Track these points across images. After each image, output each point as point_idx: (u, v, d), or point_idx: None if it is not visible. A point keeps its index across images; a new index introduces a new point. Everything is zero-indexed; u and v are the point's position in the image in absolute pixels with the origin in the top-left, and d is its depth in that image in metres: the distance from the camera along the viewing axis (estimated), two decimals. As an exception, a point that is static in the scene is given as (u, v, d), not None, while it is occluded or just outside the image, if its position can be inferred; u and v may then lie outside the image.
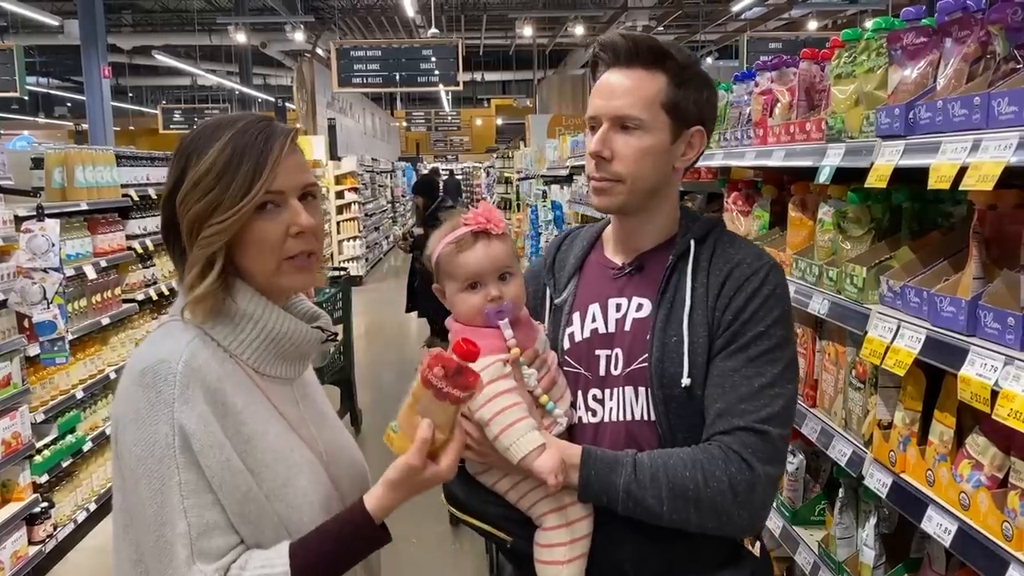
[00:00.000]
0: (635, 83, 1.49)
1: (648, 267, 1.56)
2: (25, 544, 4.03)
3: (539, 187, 8.77)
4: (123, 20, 20.56)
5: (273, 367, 1.39)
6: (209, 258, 1.29)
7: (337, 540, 1.30)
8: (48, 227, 4.01)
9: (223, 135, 1.30)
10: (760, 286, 1.48)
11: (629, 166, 1.49)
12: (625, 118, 1.48)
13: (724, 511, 1.39)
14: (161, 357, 1.27)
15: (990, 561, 1.48)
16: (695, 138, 1.54)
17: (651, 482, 1.40)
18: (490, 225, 1.47)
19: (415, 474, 1.31)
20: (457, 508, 1.57)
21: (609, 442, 1.50)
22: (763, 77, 2.70)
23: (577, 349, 1.57)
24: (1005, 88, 1.48)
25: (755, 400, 1.42)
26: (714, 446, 1.41)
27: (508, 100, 34.91)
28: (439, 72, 13.30)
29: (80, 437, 4.63)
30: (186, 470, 1.24)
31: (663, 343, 1.48)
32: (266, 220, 1.31)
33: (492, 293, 1.45)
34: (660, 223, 1.58)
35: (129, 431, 1.27)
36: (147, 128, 28.11)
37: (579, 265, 1.64)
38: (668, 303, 1.51)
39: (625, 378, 1.51)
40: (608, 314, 1.56)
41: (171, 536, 1.23)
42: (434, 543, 4.63)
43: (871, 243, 2.10)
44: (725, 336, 1.46)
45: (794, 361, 1.51)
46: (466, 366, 1.29)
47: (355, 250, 15.28)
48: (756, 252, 1.55)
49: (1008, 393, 1.40)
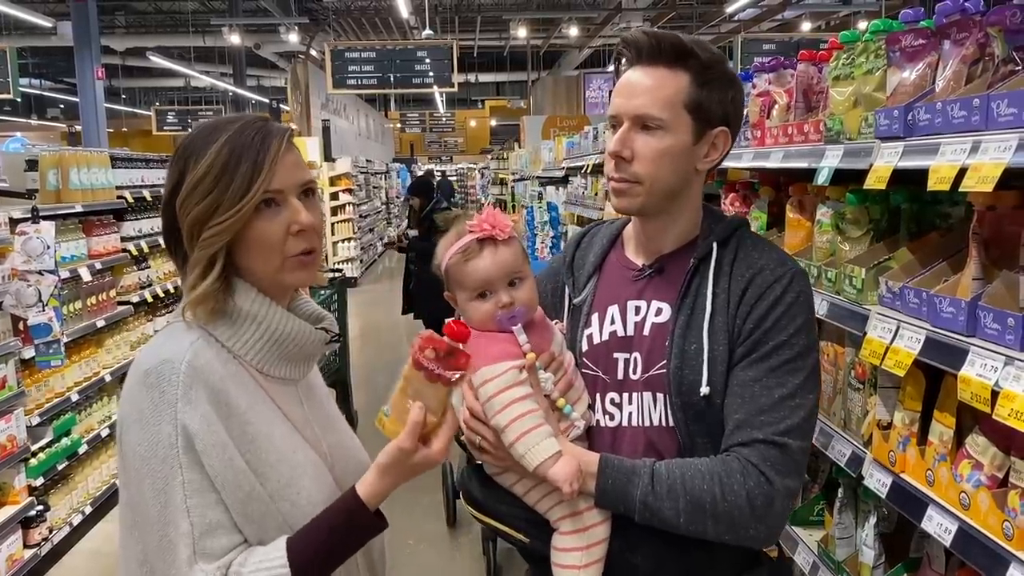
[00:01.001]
0: (657, 82, 1.45)
1: (669, 270, 1.53)
2: (20, 547, 4.01)
3: (534, 188, 8.78)
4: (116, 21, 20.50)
5: (277, 368, 1.39)
6: (210, 259, 1.30)
7: (331, 529, 1.30)
8: (43, 229, 3.99)
9: (220, 136, 1.31)
10: (783, 293, 1.45)
11: (648, 167, 1.46)
12: (645, 117, 1.45)
13: (741, 524, 1.37)
14: (164, 358, 1.28)
15: (991, 560, 1.49)
16: (719, 139, 1.50)
17: (668, 494, 1.38)
18: (495, 231, 1.44)
19: (406, 457, 1.30)
20: (475, 508, 1.56)
21: (628, 447, 1.49)
22: (760, 79, 2.70)
23: (595, 351, 1.54)
24: (1004, 90, 1.48)
25: (775, 412, 1.39)
26: (732, 458, 1.39)
27: (502, 101, 34.89)
28: (433, 73, 13.29)
29: (75, 440, 4.61)
30: (189, 470, 1.24)
31: (682, 350, 1.45)
32: (266, 219, 1.31)
33: (503, 300, 1.43)
34: (681, 225, 1.54)
35: (133, 431, 1.27)
36: (140, 130, 28.00)
37: (599, 264, 1.61)
38: (688, 309, 1.48)
39: (644, 383, 1.49)
40: (627, 317, 1.53)
41: (174, 535, 1.24)
42: (432, 543, 4.63)
43: (870, 244, 2.11)
44: (746, 345, 1.44)
45: (816, 369, 1.47)
46: (457, 347, 1.29)
47: (350, 251, 15.25)
48: (780, 257, 1.52)
49: (1008, 393, 1.41)
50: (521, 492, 1.48)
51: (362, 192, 17.53)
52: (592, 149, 5.80)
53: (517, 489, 1.49)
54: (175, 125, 21.85)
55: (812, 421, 1.46)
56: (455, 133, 35.33)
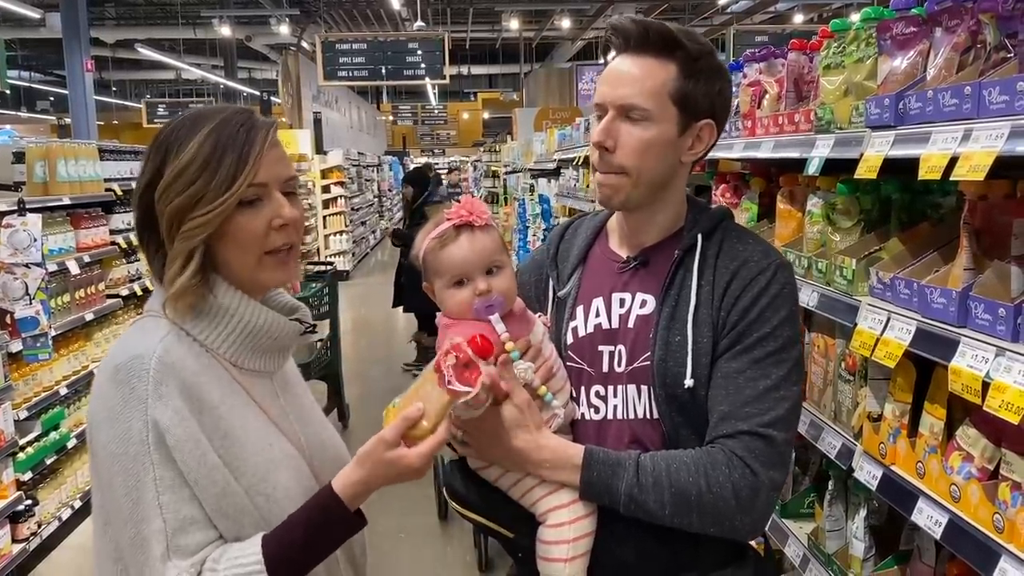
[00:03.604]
0: (643, 71, 1.44)
1: (653, 262, 1.52)
2: (9, 542, 3.99)
3: (527, 181, 8.74)
4: (106, 13, 20.33)
5: (251, 360, 1.37)
6: (190, 252, 1.28)
7: (307, 525, 1.28)
8: (30, 222, 3.97)
9: (204, 127, 1.29)
10: (767, 285, 1.44)
11: (632, 158, 1.44)
12: (630, 108, 1.43)
13: (726, 516, 1.37)
14: (134, 353, 1.26)
15: (981, 552, 1.48)
16: (704, 131, 1.49)
17: (654, 486, 1.38)
18: (472, 217, 1.42)
19: (383, 448, 1.28)
20: (459, 504, 1.54)
21: (613, 440, 1.48)
22: (751, 68, 2.69)
23: (580, 344, 1.53)
24: (996, 77, 1.47)
25: (760, 403, 1.39)
26: (717, 450, 1.39)
27: (495, 94, 34.81)
28: (425, 66, 13.25)
29: (64, 434, 4.59)
30: (161, 466, 1.22)
31: (666, 342, 1.45)
32: (249, 213, 1.29)
33: (480, 287, 1.40)
34: (666, 217, 1.53)
35: (103, 428, 1.25)
36: (131, 122, 27.82)
37: (583, 256, 1.60)
38: (672, 301, 1.47)
39: (628, 376, 1.48)
40: (612, 309, 1.52)
41: (147, 532, 1.22)
42: (422, 537, 4.62)
43: (860, 235, 2.10)
44: (730, 337, 1.43)
45: (800, 361, 1.47)
46: (475, 362, 1.28)
47: (342, 245, 15.21)
48: (764, 249, 1.51)
49: (999, 384, 1.40)
50: (506, 486, 1.47)
51: (354, 185, 17.47)
52: (584, 141, 5.78)
53: (502, 483, 1.48)
54: (165, 118, 21.67)
55: (797, 413, 1.46)
56: (447, 126, 35.24)
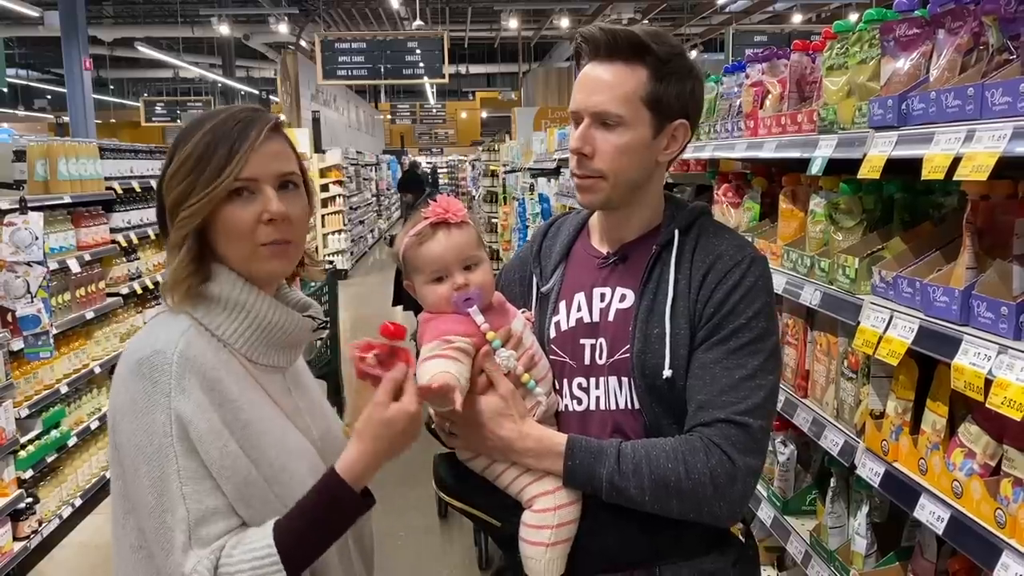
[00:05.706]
0: (615, 78, 1.47)
1: (632, 257, 1.57)
2: (10, 540, 3.99)
3: (526, 180, 8.74)
4: (104, 11, 20.29)
5: (265, 356, 1.40)
6: (181, 241, 1.32)
7: (315, 507, 1.30)
8: (31, 220, 3.97)
9: (207, 124, 1.35)
10: (741, 278, 1.48)
11: (609, 163, 1.49)
12: (604, 115, 1.47)
13: (705, 502, 1.41)
14: (157, 347, 1.29)
15: (983, 548, 1.50)
16: (678, 131, 1.53)
17: (634, 473, 1.42)
18: (448, 215, 1.48)
19: (380, 411, 1.30)
20: (447, 494, 1.58)
21: (596, 430, 1.52)
22: (754, 69, 2.70)
23: (563, 338, 1.58)
24: (999, 79, 1.48)
25: (736, 392, 1.43)
26: (695, 437, 1.43)
27: (493, 93, 34.79)
28: (424, 65, 13.26)
29: (65, 432, 4.59)
30: (184, 458, 1.25)
31: (645, 335, 1.49)
32: (237, 206, 1.33)
33: (458, 282, 1.46)
34: (644, 214, 1.58)
35: (127, 421, 1.28)
36: (129, 121, 27.82)
37: (565, 253, 1.65)
38: (651, 294, 1.51)
39: (610, 368, 1.53)
40: (593, 303, 1.57)
41: (171, 522, 1.25)
42: (422, 535, 4.63)
43: (863, 234, 2.11)
44: (707, 328, 1.47)
45: (776, 352, 1.51)
46: (397, 346, 1.33)
47: (340, 244, 15.20)
48: (739, 243, 1.56)
49: (1002, 381, 1.41)
50: (493, 476, 1.51)
51: (352, 184, 17.45)
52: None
53: (488, 473, 1.52)
54: (164, 116, 21.69)
55: (773, 401, 1.49)
56: (446, 125, 35.23)
